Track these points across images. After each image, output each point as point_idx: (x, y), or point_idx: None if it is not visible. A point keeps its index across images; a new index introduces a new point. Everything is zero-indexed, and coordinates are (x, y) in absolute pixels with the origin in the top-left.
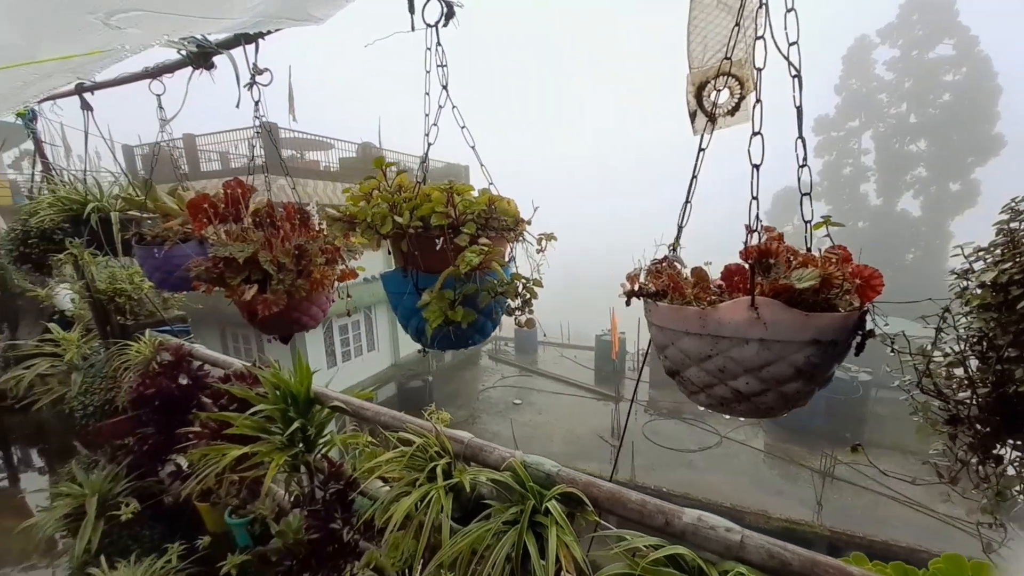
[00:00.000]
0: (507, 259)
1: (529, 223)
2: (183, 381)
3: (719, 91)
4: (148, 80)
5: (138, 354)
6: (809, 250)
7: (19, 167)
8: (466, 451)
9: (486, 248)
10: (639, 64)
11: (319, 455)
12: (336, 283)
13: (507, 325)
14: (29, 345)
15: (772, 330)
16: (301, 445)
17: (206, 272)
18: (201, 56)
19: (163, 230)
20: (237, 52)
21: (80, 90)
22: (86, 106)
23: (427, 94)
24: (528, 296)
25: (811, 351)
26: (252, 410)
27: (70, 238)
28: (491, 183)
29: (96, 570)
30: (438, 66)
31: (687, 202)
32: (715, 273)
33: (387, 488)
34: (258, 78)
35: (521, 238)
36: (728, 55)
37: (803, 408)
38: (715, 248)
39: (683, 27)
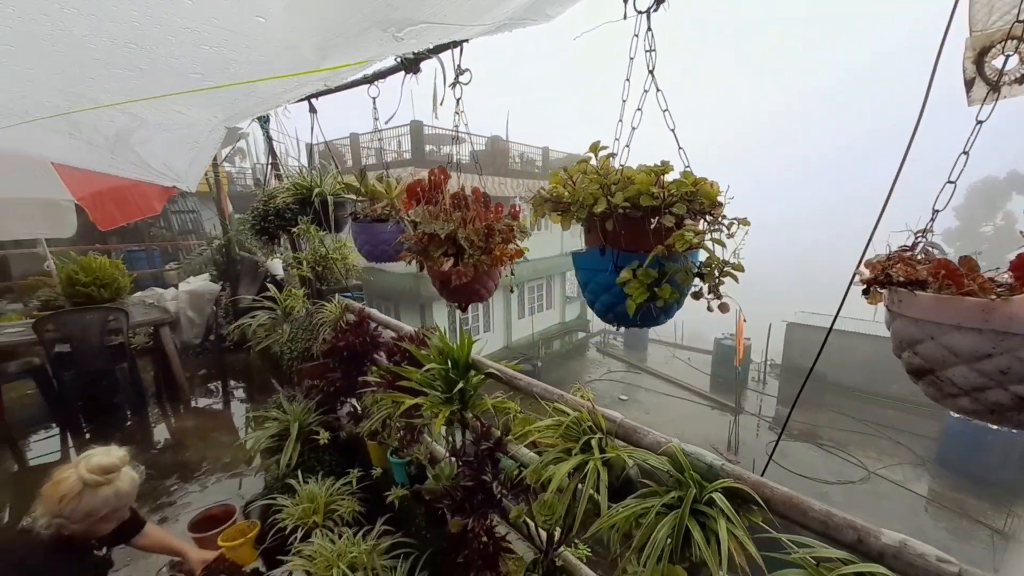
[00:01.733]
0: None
1: (723, 206)
2: (363, 338)
3: (1007, 56)
4: (366, 85)
5: (330, 313)
6: None
7: (232, 161)
8: (618, 430)
9: (699, 229)
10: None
11: (472, 415)
12: (509, 261)
13: None
14: (247, 300)
15: None
16: (458, 404)
17: (415, 244)
18: (414, 62)
19: (371, 209)
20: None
21: (309, 96)
22: (313, 110)
23: (627, 80)
24: (717, 282)
25: None
26: (426, 368)
27: (298, 216)
28: (687, 166)
29: (293, 481)
30: (646, 51)
31: (950, 182)
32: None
33: (531, 454)
34: (460, 78)
35: (719, 221)
36: (1022, 17)
37: (990, 454)
38: (821, 231)
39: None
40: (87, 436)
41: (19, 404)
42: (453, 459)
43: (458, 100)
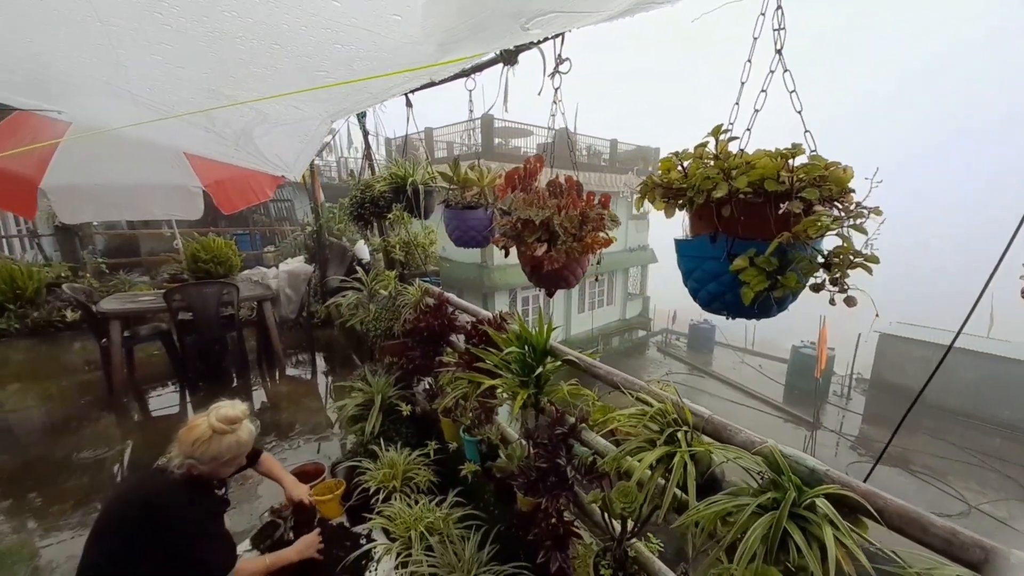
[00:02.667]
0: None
1: (854, 192)
2: (441, 321)
3: None
4: (463, 79)
5: (412, 296)
6: None
7: (321, 155)
8: (706, 425)
9: (834, 215)
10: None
11: (547, 400)
12: (599, 249)
13: (682, 319)
14: (335, 281)
15: None
16: (533, 388)
17: (510, 230)
18: (513, 54)
19: (462, 197)
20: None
21: (410, 91)
22: (409, 104)
23: (748, 61)
24: (840, 274)
25: None
26: (506, 351)
27: (391, 204)
28: (814, 149)
29: (375, 447)
30: (774, 30)
31: None
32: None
33: (606, 443)
34: (560, 67)
35: (849, 209)
36: None
37: None
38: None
39: None
40: (202, 394)
41: (144, 363)
42: (525, 441)
43: (556, 89)
